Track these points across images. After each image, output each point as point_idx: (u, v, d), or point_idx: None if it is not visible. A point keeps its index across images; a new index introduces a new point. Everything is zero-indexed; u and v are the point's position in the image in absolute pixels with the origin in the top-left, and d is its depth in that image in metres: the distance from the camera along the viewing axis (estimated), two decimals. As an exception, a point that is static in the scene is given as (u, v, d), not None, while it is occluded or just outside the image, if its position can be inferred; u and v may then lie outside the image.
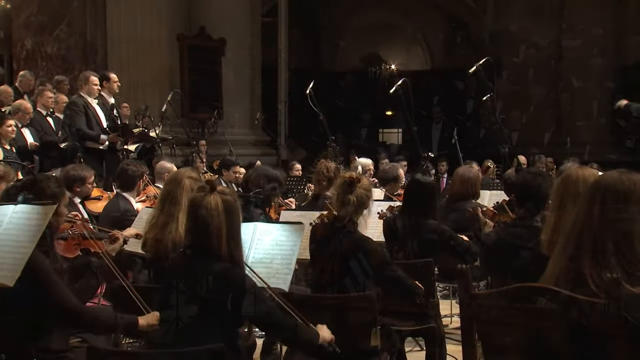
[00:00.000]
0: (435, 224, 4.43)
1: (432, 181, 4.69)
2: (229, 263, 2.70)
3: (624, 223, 2.04)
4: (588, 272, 2.03)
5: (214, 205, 2.69)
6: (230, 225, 2.72)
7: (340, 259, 3.58)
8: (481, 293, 2.35)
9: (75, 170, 5.47)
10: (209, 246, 2.69)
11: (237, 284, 2.67)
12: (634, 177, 2.12)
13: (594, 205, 2.09)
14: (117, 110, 7.80)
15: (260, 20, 13.60)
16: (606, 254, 2.02)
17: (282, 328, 2.82)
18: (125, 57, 11.54)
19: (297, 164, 9.17)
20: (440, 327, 4.20)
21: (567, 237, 2.17)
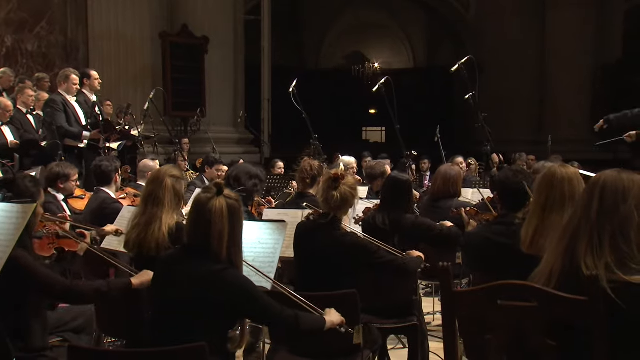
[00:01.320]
0: (413, 218, 4.48)
1: (408, 178, 4.74)
2: (227, 265, 2.68)
3: (622, 218, 2.08)
4: (583, 261, 2.07)
5: (219, 208, 2.67)
6: (233, 230, 2.71)
7: (325, 256, 3.58)
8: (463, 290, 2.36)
9: (59, 167, 5.45)
10: (209, 248, 2.67)
11: (232, 285, 2.65)
12: (633, 176, 2.17)
13: (592, 201, 2.13)
14: (99, 108, 7.75)
15: (243, 18, 13.57)
16: (602, 247, 2.06)
17: (282, 321, 2.80)
18: (107, 54, 11.48)
19: (279, 161, 9.15)
20: (423, 325, 4.21)
21: (563, 231, 2.21)
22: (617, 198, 2.11)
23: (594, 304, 1.95)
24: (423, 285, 6.21)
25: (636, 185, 2.13)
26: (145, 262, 3.53)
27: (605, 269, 2.03)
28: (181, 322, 2.66)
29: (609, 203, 2.11)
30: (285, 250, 3.89)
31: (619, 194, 2.11)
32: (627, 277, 2.01)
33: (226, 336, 2.80)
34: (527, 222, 3.03)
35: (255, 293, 2.72)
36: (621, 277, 2.01)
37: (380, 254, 3.76)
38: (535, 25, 16.17)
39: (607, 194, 2.12)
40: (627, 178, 2.15)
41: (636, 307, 1.99)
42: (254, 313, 2.82)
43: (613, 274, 2.01)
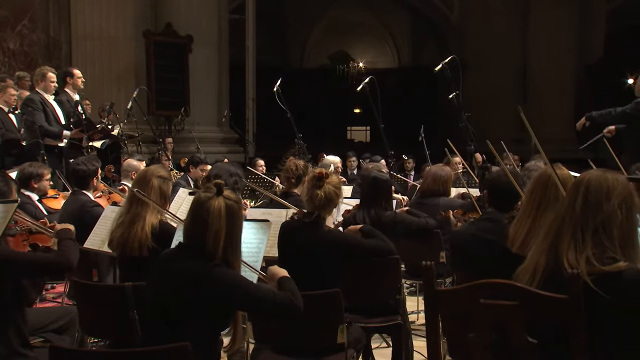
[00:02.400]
0: (393, 215, 4.53)
1: (387, 177, 4.81)
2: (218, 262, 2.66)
3: (606, 216, 2.13)
4: (565, 257, 2.11)
5: (218, 208, 2.65)
6: (230, 231, 2.68)
7: (309, 255, 3.58)
8: (446, 289, 2.37)
9: (32, 166, 5.41)
10: (205, 248, 2.65)
11: (226, 280, 2.63)
12: (617, 176, 2.23)
13: (577, 199, 2.18)
14: (81, 107, 7.70)
15: (227, 18, 13.53)
16: (585, 242, 2.11)
17: (279, 307, 2.74)
18: (90, 53, 11.42)
19: (259, 160, 9.13)
20: (407, 323, 4.22)
21: (548, 228, 2.26)
22: (601, 196, 2.15)
23: (574, 302, 1.97)
24: (407, 284, 6.23)
25: (620, 184, 2.18)
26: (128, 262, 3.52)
27: (585, 263, 2.07)
28: (173, 321, 2.65)
29: (593, 201, 2.15)
30: (269, 250, 3.88)
31: (603, 193, 2.16)
32: (605, 267, 2.06)
33: (218, 337, 2.79)
34: (517, 222, 3.03)
35: (248, 285, 2.69)
36: (600, 269, 2.06)
37: (364, 242, 3.80)
38: (518, 25, 16.29)
39: (591, 192, 2.17)
40: (612, 177, 2.20)
41: (617, 294, 2.03)
42: (251, 305, 2.77)
43: (593, 267, 2.05)
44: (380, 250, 3.87)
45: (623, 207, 2.15)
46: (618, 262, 2.07)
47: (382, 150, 7.81)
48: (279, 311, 2.77)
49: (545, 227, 2.28)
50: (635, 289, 2.05)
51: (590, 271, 2.05)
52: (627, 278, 2.05)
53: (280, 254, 3.77)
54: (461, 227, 4.21)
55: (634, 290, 2.05)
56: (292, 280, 2.89)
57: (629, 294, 2.04)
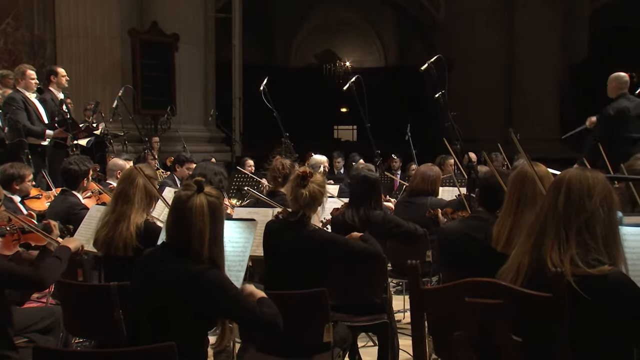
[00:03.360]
0: (382, 215, 4.54)
1: (377, 176, 4.83)
2: (208, 265, 2.63)
3: (588, 214, 2.15)
4: (548, 256, 2.13)
5: (200, 206, 2.62)
6: (213, 228, 2.65)
7: (295, 254, 3.58)
8: (431, 288, 2.37)
9: (13, 168, 5.35)
10: (190, 247, 2.62)
11: (213, 285, 2.61)
12: (597, 174, 2.24)
13: (559, 197, 2.19)
14: (66, 106, 7.64)
15: (214, 16, 13.49)
16: (569, 242, 2.13)
17: (263, 322, 2.74)
18: (75, 52, 11.33)
19: (249, 159, 9.12)
20: (393, 322, 4.24)
21: (530, 227, 2.27)
22: (582, 194, 2.17)
23: (557, 300, 1.98)
24: (393, 283, 6.25)
25: (600, 182, 2.20)
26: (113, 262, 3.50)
27: (570, 263, 2.09)
28: (159, 321, 2.62)
29: (575, 199, 2.16)
30: (255, 249, 3.88)
31: (584, 191, 2.17)
32: (589, 269, 2.06)
33: (205, 337, 2.77)
34: (499, 221, 3.06)
35: (236, 294, 2.67)
36: (585, 271, 2.06)
37: (350, 244, 3.78)
38: (503, 25, 16.36)
39: (573, 191, 2.18)
40: (591, 175, 2.21)
41: (599, 297, 2.04)
42: (234, 313, 2.75)
43: (577, 268, 2.06)
44: (367, 253, 3.86)
45: (604, 204, 2.17)
46: (603, 265, 2.08)
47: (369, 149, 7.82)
48: (262, 325, 2.77)
49: (527, 227, 2.29)
50: (617, 294, 2.06)
51: (574, 272, 2.06)
52: (611, 282, 2.06)
53: (266, 254, 3.77)
54: (450, 224, 4.22)
55: (616, 294, 2.06)
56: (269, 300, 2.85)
57: (611, 298, 2.05)
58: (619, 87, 7.30)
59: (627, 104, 7.26)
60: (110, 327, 3.16)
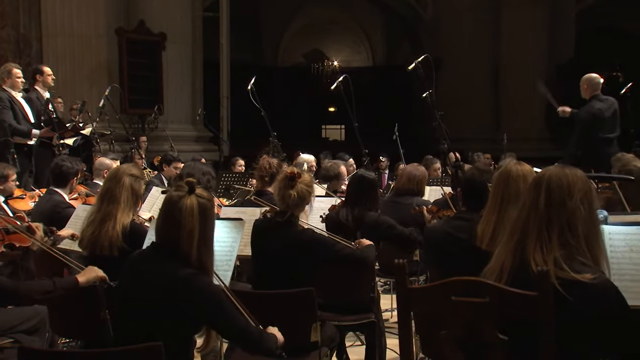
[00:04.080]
0: (376, 216, 4.53)
1: (374, 176, 4.82)
2: (197, 269, 2.61)
3: (569, 213, 2.15)
4: (532, 257, 2.13)
5: (190, 207, 2.59)
6: (203, 230, 2.62)
7: (282, 254, 3.58)
8: (418, 287, 2.38)
9: None
10: (179, 248, 2.60)
11: (201, 293, 2.58)
12: (576, 171, 2.25)
13: (539, 196, 2.19)
14: (52, 105, 7.59)
15: (201, 15, 13.45)
16: (551, 242, 2.13)
17: (245, 339, 2.74)
18: (62, 50, 11.27)
19: (239, 159, 9.10)
20: (381, 322, 4.24)
21: (512, 227, 2.27)
22: (563, 193, 2.17)
23: (543, 299, 1.99)
24: (381, 283, 6.25)
25: (580, 180, 2.20)
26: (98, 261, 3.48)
27: (554, 265, 2.09)
28: (145, 322, 2.61)
29: (556, 198, 2.17)
30: (243, 249, 3.87)
31: (564, 189, 2.18)
32: (575, 274, 2.07)
33: (190, 340, 2.75)
34: (484, 219, 3.09)
35: (223, 305, 2.65)
36: (570, 275, 2.07)
37: (339, 247, 3.78)
38: (490, 25, 16.43)
39: (553, 189, 2.18)
40: (571, 173, 2.22)
41: (583, 303, 2.05)
42: (218, 325, 2.74)
43: (562, 271, 2.07)
44: (354, 258, 3.84)
45: (585, 202, 2.17)
46: (587, 271, 2.08)
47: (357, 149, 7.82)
48: (243, 341, 2.79)
49: (509, 227, 2.29)
50: (600, 300, 2.07)
51: (558, 275, 2.07)
52: (595, 288, 2.06)
53: (254, 253, 3.76)
54: (435, 224, 4.23)
55: (599, 301, 2.07)
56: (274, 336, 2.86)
57: (594, 304, 2.06)
58: (592, 89, 7.35)
59: (600, 105, 7.30)
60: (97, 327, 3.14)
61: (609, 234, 2.96)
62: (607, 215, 3.09)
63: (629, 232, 2.94)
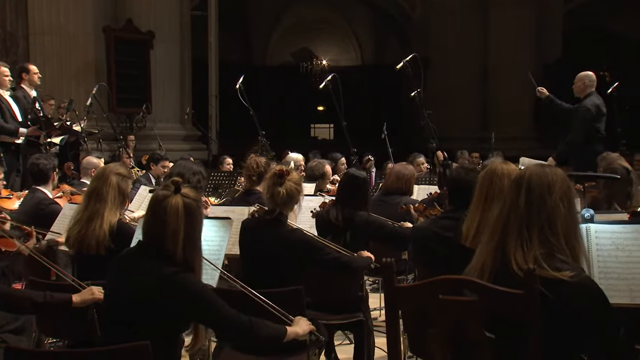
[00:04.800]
0: (366, 216, 4.52)
1: (365, 175, 4.81)
2: (182, 267, 2.60)
3: (549, 211, 2.17)
4: (512, 256, 2.15)
5: (175, 207, 2.59)
6: (189, 230, 2.62)
7: (271, 253, 3.57)
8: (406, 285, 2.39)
9: None
10: (164, 248, 2.60)
11: (185, 289, 2.58)
12: (556, 170, 2.27)
13: (520, 195, 2.21)
14: (39, 103, 7.54)
15: (189, 14, 13.41)
16: (532, 241, 2.15)
17: (235, 330, 2.73)
18: (49, 49, 11.20)
19: (228, 158, 9.08)
20: (369, 320, 4.24)
21: (493, 226, 2.29)
22: (543, 191, 2.19)
23: (529, 298, 2.00)
24: (370, 282, 6.27)
25: (559, 179, 2.22)
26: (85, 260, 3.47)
27: (534, 263, 2.11)
28: (132, 321, 2.60)
29: (536, 197, 2.19)
30: (231, 248, 3.87)
31: (544, 188, 2.20)
32: (555, 272, 2.09)
33: (177, 338, 2.75)
34: (469, 217, 3.11)
35: (208, 298, 2.65)
36: (550, 274, 2.09)
37: (326, 250, 3.77)
38: (478, 24, 16.48)
39: (533, 188, 2.21)
40: (551, 172, 2.24)
41: (563, 301, 2.08)
42: (205, 319, 2.74)
43: (542, 269, 2.09)
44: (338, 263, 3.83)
45: (565, 200, 2.20)
46: (566, 269, 2.10)
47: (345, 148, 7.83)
48: (232, 332, 2.77)
49: (490, 226, 2.31)
50: (581, 299, 2.10)
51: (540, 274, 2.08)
52: (576, 286, 2.09)
53: (242, 252, 3.76)
54: (422, 223, 4.24)
55: (579, 298, 2.09)
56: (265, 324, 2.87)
57: (576, 302, 2.09)
58: (590, 86, 7.37)
59: (599, 102, 7.33)
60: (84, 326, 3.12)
61: (595, 232, 2.98)
62: (593, 213, 3.11)
63: (615, 231, 2.96)
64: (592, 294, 2.12)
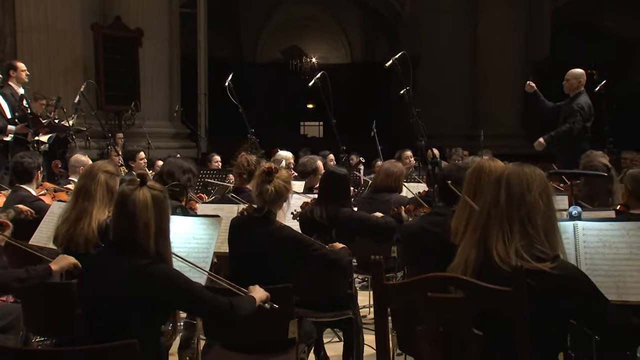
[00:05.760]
0: (349, 212, 4.53)
1: (346, 172, 4.82)
2: (156, 259, 2.62)
3: (529, 206, 2.25)
4: (494, 249, 2.21)
5: (143, 199, 2.61)
6: (159, 221, 2.64)
7: (260, 251, 3.57)
8: (394, 283, 2.40)
9: None
10: (136, 242, 2.60)
11: (161, 279, 2.60)
12: (534, 169, 2.36)
13: (500, 193, 2.30)
14: (26, 101, 7.50)
15: (178, 11, 13.37)
16: (513, 233, 2.23)
17: (218, 311, 2.75)
18: (37, 46, 11.13)
19: (216, 155, 9.07)
20: (358, 318, 4.24)
21: (475, 223, 2.36)
22: (522, 188, 2.28)
23: (517, 294, 2.01)
24: (359, 279, 6.27)
25: (537, 176, 2.32)
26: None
27: (515, 254, 2.18)
28: (112, 319, 2.60)
29: (516, 193, 2.28)
30: (220, 246, 3.86)
31: (523, 185, 2.29)
32: (536, 262, 2.16)
33: (159, 331, 2.76)
34: (457, 214, 3.12)
35: (186, 285, 2.67)
36: (532, 265, 2.15)
37: (315, 246, 3.77)
38: (468, 22, 16.53)
39: (513, 185, 2.29)
40: (529, 170, 2.34)
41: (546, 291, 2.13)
42: (186, 306, 2.77)
43: (525, 262, 2.13)
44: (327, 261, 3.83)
45: (543, 196, 2.29)
46: (548, 257, 2.18)
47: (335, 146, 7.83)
48: (216, 314, 2.80)
49: (472, 223, 2.38)
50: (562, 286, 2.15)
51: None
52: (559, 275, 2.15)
53: (231, 250, 3.75)
54: (412, 221, 4.25)
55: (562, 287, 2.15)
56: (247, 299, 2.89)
57: (557, 290, 2.14)
58: (581, 84, 7.41)
59: (589, 101, 7.37)
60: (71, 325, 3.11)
61: (582, 229, 3.00)
62: (581, 211, 3.13)
63: (602, 228, 2.98)
64: (574, 279, 2.19)
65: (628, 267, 2.79)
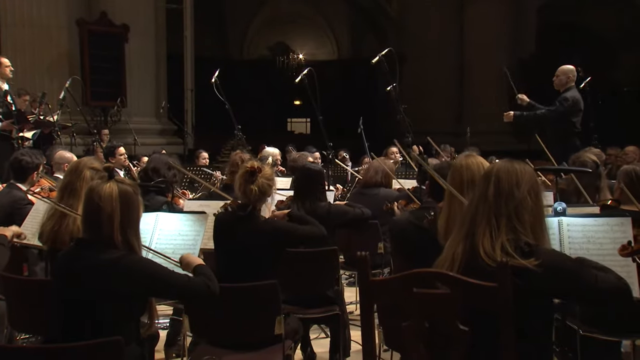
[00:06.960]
0: (327, 206, 4.54)
1: (320, 168, 4.85)
2: (124, 251, 2.62)
3: (517, 202, 2.26)
4: (480, 244, 2.23)
5: (108, 192, 2.61)
6: (126, 214, 2.63)
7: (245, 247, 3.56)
8: (380, 279, 2.40)
9: None
10: (102, 235, 2.60)
11: (133, 270, 2.60)
12: (524, 165, 2.37)
13: (489, 188, 2.30)
14: (11, 97, 7.43)
15: (165, 7, 13.31)
16: (499, 229, 2.24)
17: (197, 295, 2.76)
18: (21, 42, 11.04)
19: (203, 152, 9.04)
20: (345, 314, 4.26)
21: (462, 218, 2.37)
22: (511, 184, 2.29)
23: (502, 290, 2.02)
24: (346, 275, 6.28)
25: (527, 173, 2.33)
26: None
27: (501, 250, 2.20)
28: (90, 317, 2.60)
29: (505, 189, 2.28)
30: (207, 242, 3.85)
31: (512, 181, 2.29)
32: (523, 260, 2.16)
33: (138, 322, 2.77)
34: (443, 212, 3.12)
35: (158, 272, 2.67)
36: (517, 262, 2.16)
37: (299, 229, 3.79)
38: (454, 19, 16.60)
39: (502, 181, 2.30)
40: (519, 167, 2.34)
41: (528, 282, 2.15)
42: (162, 291, 2.77)
43: (510, 258, 2.15)
44: (314, 235, 3.86)
45: (532, 193, 2.29)
46: (532, 249, 2.19)
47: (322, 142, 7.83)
48: (193, 296, 2.80)
49: (459, 218, 2.39)
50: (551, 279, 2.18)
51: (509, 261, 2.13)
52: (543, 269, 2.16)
53: (217, 247, 3.74)
54: (400, 216, 4.27)
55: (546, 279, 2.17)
56: (206, 266, 2.91)
57: (542, 283, 2.17)
58: (570, 80, 7.41)
59: (578, 96, 7.38)
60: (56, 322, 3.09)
61: (567, 225, 3.02)
62: (565, 207, 3.15)
63: (586, 224, 3.00)
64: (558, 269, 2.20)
65: (612, 263, 2.80)
